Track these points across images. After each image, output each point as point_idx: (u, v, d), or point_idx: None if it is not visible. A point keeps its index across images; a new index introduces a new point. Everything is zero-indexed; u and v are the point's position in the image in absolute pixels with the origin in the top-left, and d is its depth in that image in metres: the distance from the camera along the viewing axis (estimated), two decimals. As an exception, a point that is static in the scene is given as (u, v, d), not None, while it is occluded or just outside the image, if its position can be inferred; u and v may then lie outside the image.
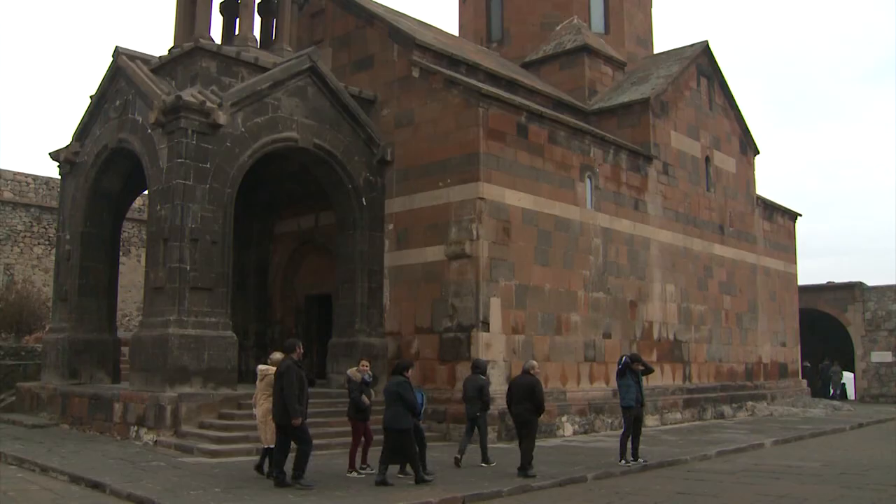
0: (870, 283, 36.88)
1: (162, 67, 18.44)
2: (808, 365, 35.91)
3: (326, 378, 19.24)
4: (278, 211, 22.23)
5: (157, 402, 15.20)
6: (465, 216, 17.71)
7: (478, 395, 13.70)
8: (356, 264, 18.89)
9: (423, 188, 18.65)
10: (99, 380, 19.13)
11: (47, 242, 30.97)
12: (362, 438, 12.74)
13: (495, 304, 17.68)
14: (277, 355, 12.15)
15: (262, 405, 12.08)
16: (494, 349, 17.50)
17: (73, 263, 19.45)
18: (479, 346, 17.23)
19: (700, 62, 26.61)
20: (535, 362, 14.01)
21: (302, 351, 11.86)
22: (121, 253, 21.67)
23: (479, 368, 14.28)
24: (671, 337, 23.33)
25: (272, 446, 11.75)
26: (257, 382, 12.35)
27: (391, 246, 19.16)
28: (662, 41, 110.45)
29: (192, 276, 15.99)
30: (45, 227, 31.29)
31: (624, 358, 15.06)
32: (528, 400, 13.07)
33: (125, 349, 19.53)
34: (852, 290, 36.80)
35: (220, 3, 20.85)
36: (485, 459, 13.66)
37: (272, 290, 22.33)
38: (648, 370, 15.53)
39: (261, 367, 12.44)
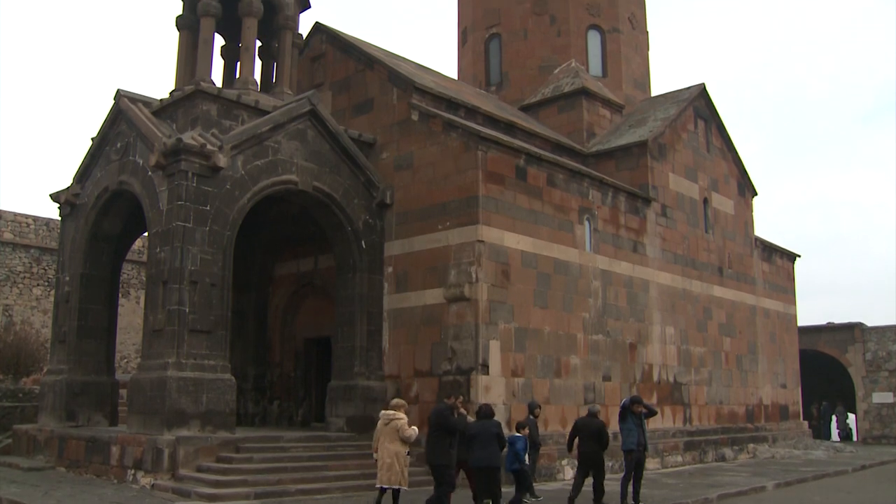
0: (870, 323, 36.86)
1: (163, 110, 18.57)
2: (817, 409, 35.75)
3: (325, 421, 19.14)
4: (278, 253, 22.26)
5: (154, 446, 15.09)
6: (464, 259, 17.73)
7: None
8: (355, 307, 18.87)
9: (422, 231, 18.70)
10: (96, 422, 19.03)
11: (46, 284, 30.98)
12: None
13: (495, 347, 17.65)
14: (397, 401, 12.97)
15: (388, 447, 12.55)
16: (494, 392, 17.43)
17: (73, 305, 19.43)
18: (479, 389, 17.16)
19: (697, 105, 26.82)
20: (598, 406, 15.57)
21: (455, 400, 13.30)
22: (120, 295, 21.65)
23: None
24: (671, 379, 23.26)
25: (394, 487, 12.43)
26: (380, 426, 12.84)
27: (390, 289, 19.16)
28: (660, 84, 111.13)
29: (191, 319, 15.97)
30: (44, 269, 31.32)
31: (624, 401, 15.09)
32: (596, 441, 14.37)
33: (123, 391, 19.46)
34: (852, 331, 36.75)
35: (222, 47, 21.08)
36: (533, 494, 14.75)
37: (271, 332, 22.29)
38: (651, 412, 15.51)
39: (386, 412, 12.99)
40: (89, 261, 19.53)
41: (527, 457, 14.59)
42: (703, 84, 27.31)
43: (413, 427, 12.82)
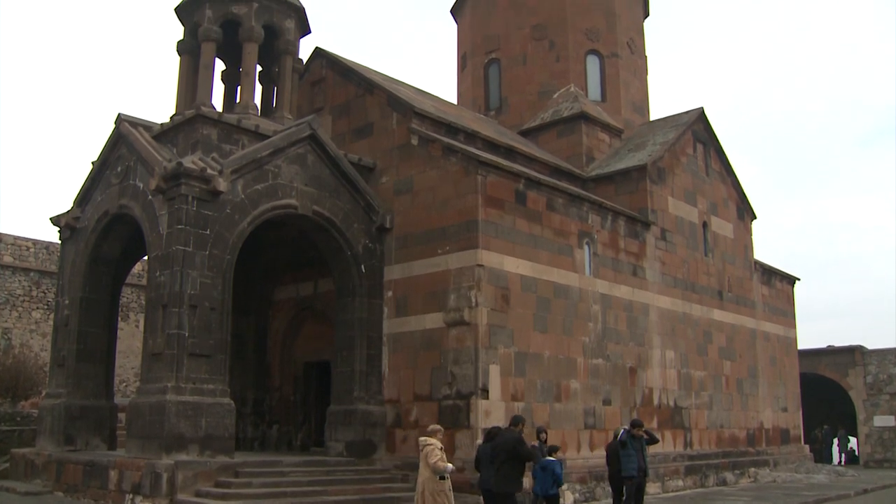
0: (870, 346, 36.80)
1: (164, 134, 18.63)
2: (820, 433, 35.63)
3: (325, 446, 19.08)
4: (277, 277, 22.27)
5: (153, 470, 15.02)
6: (463, 283, 17.73)
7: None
8: (355, 331, 18.86)
9: (421, 255, 18.71)
10: (95, 446, 18.96)
11: (46, 307, 30.98)
12: None
13: (494, 372, 17.62)
14: (434, 427, 12.90)
15: (422, 473, 12.50)
16: (494, 417, 17.36)
17: (72, 329, 19.41)
18: (479, 413, 17.11)
19: (696, 129, 26.92)
20: (623, 428, 15.98)
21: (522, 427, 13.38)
22: (119, 318, 21.64)
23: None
24: (671, 403, 23.19)
25: None
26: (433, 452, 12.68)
27: (390, 313, 19.15)
28: (658, 108, 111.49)
29: (190, 343, 15.95)
30: (43, 292, 31.33)
31: (622, 430, 15.22)
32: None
33: (122, 415, 19.41)
34: (853, 354, 36.70)
35: (222, 72, 21.18)
36: None
37: (271, 356, 22.26)
38: (653, 440, 15.64)
39: (421, 438, 12.95)
40: (89, 284, 19.53)
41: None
42: (702, 108, 27.43)
43: (448, 464, 12.45)
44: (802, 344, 33.22)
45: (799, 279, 32.61)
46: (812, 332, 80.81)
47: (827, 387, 37.20)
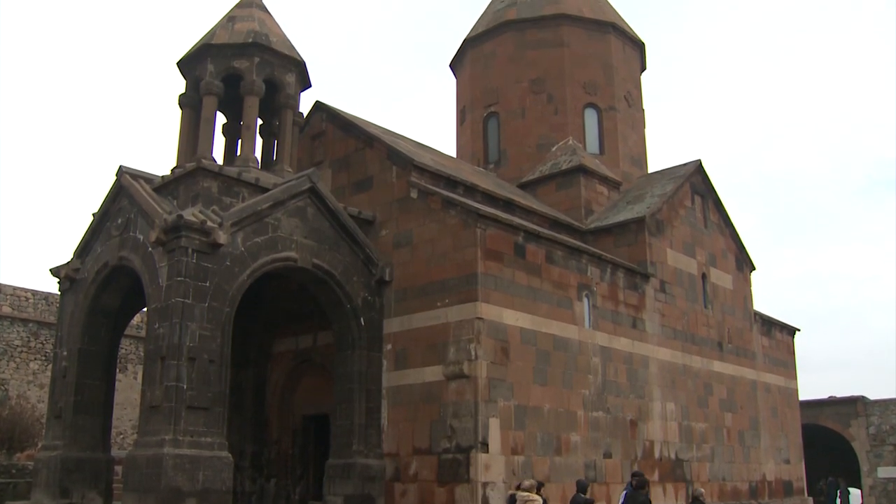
0: (872, 396, 36.61)
1: (164, 187, 18.74)
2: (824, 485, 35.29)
3: (323, 500, 18.89)
4: (276, 330, 22.22)
5: (149, 525, 14.87)
6: (463, 336, 17.72)
7: None
8: (354, 384, 18.79)
9: (421, 308, 18.72)
10: (91, 500, 18.74)
11: (44, 358, 30.89)
12: None
13: (494, 425, 17.52)
14: (531, 482, 12.99)
15: None
16: (494, 471, 17.25)
17: (70, 380, 19.30)
18: (479, 467, 16.98)
19: (694, 181, 27.07)
20: (703, 489, 15.98)
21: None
22: (118, 370, 21.56)
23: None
24: (673, 456, 23.02)
25: None
26: None
27: (389, 366, 19.10)
28: (656, 160, 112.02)
29: (188, 395, 15.87)
30: (42, 343, 31.27)
31: (624, 494, 15.15)
32: None
33: (119, 468, 19.22)
34: (854, 405, 36.54)
35: (223, 125, 21.37)
36: None
37: (269, 409, 22.13)
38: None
39: (520, 494, 13.02)
40: (88, 336, 19.48)
41: None
42: (699, 160, 27.62)
43: None
44: (803, 395, 33.11)
45: (799, 330, 32.56)
46: (813, 383, 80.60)
47: (829, 438, 36.97)
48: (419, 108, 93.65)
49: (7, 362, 30.65)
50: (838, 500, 38.00)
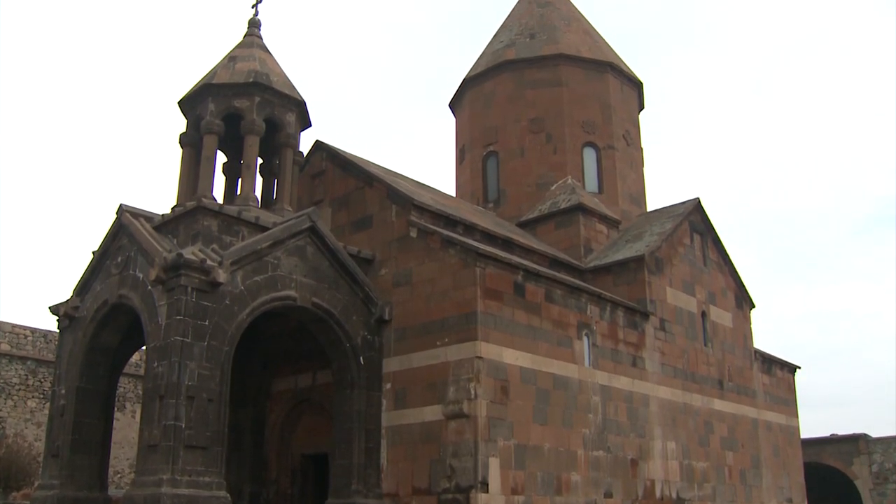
0: (874, 434, 36.42)
1: (164, 225, 18.79)
2: None
3: (322, 541, 18.77)
4: (276, 368, 22.16)
5: (145, 568, 14.73)
6: (462, 375, 17.68)
7: None
8: (353, 424, 18.71)
9: (420, 347, 18.69)
10: (87, 540, 18.61)
11: (41, 396, 30.79)
12: None
13: (494, 465, 17.42)
14: None
15: None
16: (493, 511, 17.13)
17: (67, 419, 19.20)
18: (478, 508, 16.87)
19: (692, 219, 27.14)
20: None
21: None
22: (116, 408, 21.47)
23: None
24: (674, 495, 22.85)
25: None
26: None
27: (389, 405, 19.03)
28: (655, 198, 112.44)
29: (187, 435, 15.80)
30: (40, 381, 31.18)
31: None
32: None
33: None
34: (857, 443, 36.33)
35: (223, 164, 21.48)
36: None
37: (268, 448, 21.99)
38: None
39: None
40: (86, 374, 19.40)
41: None
42: (698, 198, 27.70)
43: None
44: (805, 433, 32.88)
45: (799, 367, 32.44)
46: (814, 421, 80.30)
47: (832, 476, 36.71)
48: (419, 148, 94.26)
49: (5, 400, 30.53)
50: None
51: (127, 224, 18.72)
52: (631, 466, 21.43)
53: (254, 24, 21.89)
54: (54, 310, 20.58)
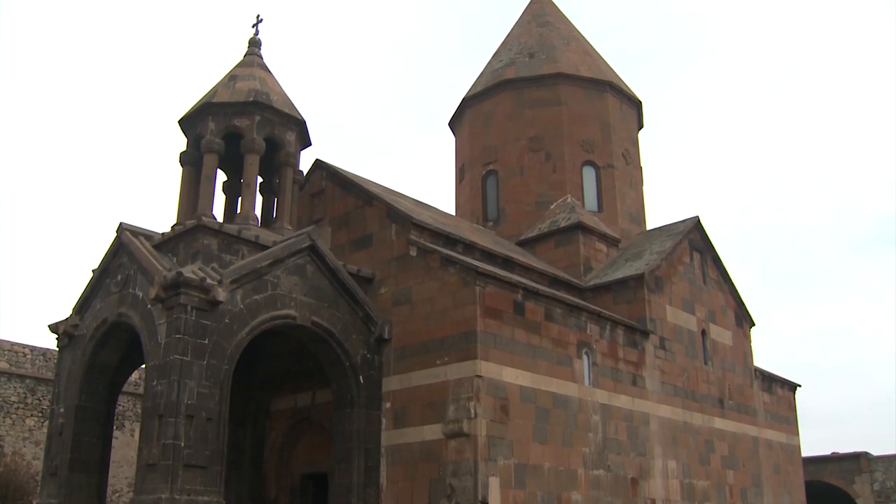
0: (875, 451, 36.29)
1: (164, 244, 18.81)
2: None
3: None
4: (275, 387, 22.11)
5: (143, 589, 14.66)
6: (462, 394, 17.65)
7: None
8: (353, 443, 18.66)
9: (420, 366, 18.68)
10: (85, 560, 18.52)
11: (40, 414, 30.70)
12: None
13: (494, 484, 17.36)
14: None
15: None
16: (493, 531, 17.06)
17: (66, 437, 19.14)
18: (478, 528, 16.81)
19: (692, 237, 27.17)
20: None
21: None
22: (114, 427, 21.41)
23: None
24: (674, 515, 22.77)
25: None
26: None
27: (388, 424, 18.99)
28: (655, 217, 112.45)
29: (186, 454, 15.75)
30: (38, 399, 31.09)
31: None
32: None
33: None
34: (858, 461, 36.17)
35: (223, 182, 21.53)
36: None
37: (267, 468, 21.91)
38: None
39: None
40: (85, 392, 19.37)
41: None
42: (698, 217, 27.75)
43: None
44: (806, 451, 32.78)
45: (800, 385, 32.39)
46: (815, 439, 79.77)
47: (833, 495, 36.56)
48: (418, 167, 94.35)
49: (3, 418, 30.44)
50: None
51: (127, 242, 18.74)
52: (631, 485, 21.36)
53: (254, 44, 22.02)
54: (54, 328, 20.57)
